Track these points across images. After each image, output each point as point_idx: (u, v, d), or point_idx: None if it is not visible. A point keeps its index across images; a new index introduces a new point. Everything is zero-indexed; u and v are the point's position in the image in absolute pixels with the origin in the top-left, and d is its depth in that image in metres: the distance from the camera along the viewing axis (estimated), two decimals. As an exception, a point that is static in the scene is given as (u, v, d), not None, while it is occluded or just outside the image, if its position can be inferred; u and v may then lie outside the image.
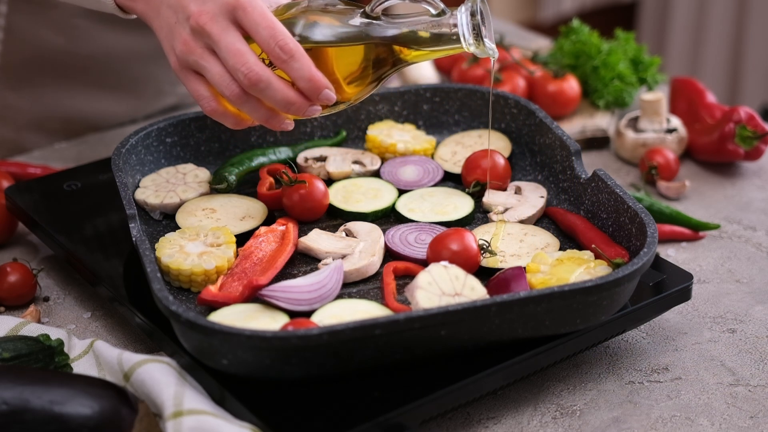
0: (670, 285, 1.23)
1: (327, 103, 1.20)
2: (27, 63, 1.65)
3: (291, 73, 1.17)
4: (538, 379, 1.20)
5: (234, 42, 1.16)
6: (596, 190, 1.30)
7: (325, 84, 1.18)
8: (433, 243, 1.23)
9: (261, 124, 1.25)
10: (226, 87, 1.18)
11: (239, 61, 1.16)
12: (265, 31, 1.16)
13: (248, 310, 1.15)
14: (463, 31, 1.20)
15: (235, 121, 1.24)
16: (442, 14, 1.21)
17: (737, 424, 1.15)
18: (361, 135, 1.49)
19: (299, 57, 1.16)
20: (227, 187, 1.36)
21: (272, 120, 1.22)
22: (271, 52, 1.16)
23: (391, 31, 1.22)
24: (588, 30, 1.77)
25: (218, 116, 1.23)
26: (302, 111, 1.20)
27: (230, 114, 1.23)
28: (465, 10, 1.20)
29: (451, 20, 1.21)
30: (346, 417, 1.05)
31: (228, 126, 1.25)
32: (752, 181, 1.59)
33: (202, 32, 1.17)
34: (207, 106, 1.22)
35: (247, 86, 1.17)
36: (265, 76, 1.16)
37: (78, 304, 1.32)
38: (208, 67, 1.18)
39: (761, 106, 3.68)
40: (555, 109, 1.68)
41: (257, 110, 1.20)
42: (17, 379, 1.03)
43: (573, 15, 3.91)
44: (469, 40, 1.21)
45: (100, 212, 1.36)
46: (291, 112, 1.20)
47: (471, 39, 1.21)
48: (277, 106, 1.19)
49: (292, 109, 1.19)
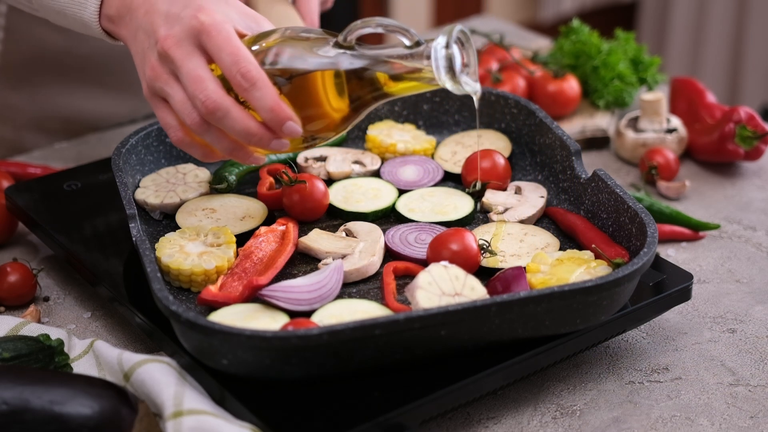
0: (670, 285, 1.23)
1: (291, 136, 1.13)
2: (27, 63, 1.65)
3: (252, 102, 1.10)
4: (538, 379, 1.20)
5: (195, 68, 1.10)
6: (596, 190, 1.30)
7: (288, 115, 1.11)
8: (433, 243, 1.23)
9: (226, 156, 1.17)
10: (187, 115, 1.12)
11: (198, 88, 1.10)
12: (228, 57, 1.10)
13: (248, 310, 1.15)
14: (437, 65, 1.11)
15: (202, 152, 1.18)
16: (417, 45, 1.12)
17: (737, 424, 1.15)
18: (361, 135, 1.49)
19: (262, 86, 1.10)
20: (227, 187, 1.36)
21: (238, 153, 1.16)
22: (232, 79, 1.10)
23: (362, 62, 1.14)
24: (588, 30, 1.77)
25: (185, 147, 1.17)
26: (265, 144, 1.13)
27: (197, 145, 1.17)
28: (440, 43, 1.11)
29: (425, 53, 1.11)
30: (346, 417, 1.05)
31: (197, 158, 1.19)
32: (752, 181, 1.59)
33: (166, 57, 1.12)
34: (173, 136, 1.16)
35: (204, 114, 1.11)
36: (224, 105, 1.10)
37: (78, 304, 1.32)
38: (172, 93, 1.13)
39: (761, 106, 3.68)
40: (555, 109, 1.68)
41: (220, 141, 1.14)
42: (17, 379, 1.03)
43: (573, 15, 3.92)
44: (442, 75, 1.11)
45: (100, 212, 1.36)
46: (253, 144, 1.13)
47: (444, 75, 1.11)
48: (238, 137, 1.13)
49: (254, 141, 1.12)
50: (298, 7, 1.40)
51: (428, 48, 1.11)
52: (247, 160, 1.18)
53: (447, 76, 1.11)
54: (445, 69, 1.11)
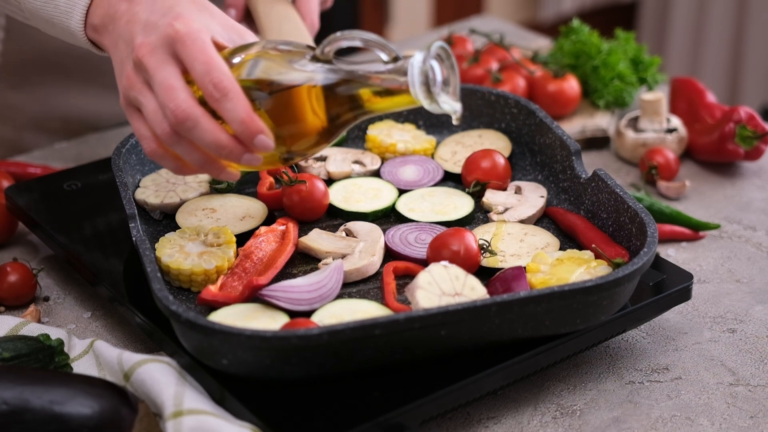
0: (670, 285, 1.23)
1: (263, 150, 1.09)
2: (27, 62, 1.65)
3: (224, 113, 1.07)
4: (538, 379, 1.20)
5: (168, 77, 1.08)
6: (596, 190, 1.30)
7: (259, 128, 1.07)
8: (433, 243, 1.23)
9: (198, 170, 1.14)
10: (158, 124, 1.09)
11: (168, 97, 1.07)
12: (200, 66, 1.07)
13: (248, 310, 1.15)
14: (412, 82, 1.06)
15: (175, 165, 1.14)
16: (394, 61, 1.08)
17: (737, 424, 1.15)
18: (361, 135, 1.49)
19: (233, 97, 1.07)
20: (227, 187, 1.36)
21: (209, 166, 1.13)
22: (204, 88, 1.07)
23: (336, 77, 1.09)
24: (588, 30, 1.77)
25: (158, 159, 1.13)
26: (236, 157, 1.09)
27: (170, 157, 1.13)
28: (418, 59, 1.06)
29: (402, 69, 1.07)
30: (346, 417, 1.05)
31: (170, 171, 1.16)
32: (752, 181, 1.59)
33: (141, 65, 1.09)
34: (146, 147, 1.12)
35: (174, 124, 1.08)
36: (194, 115, 1.07)
37: (78, 304, 1.32)
38: (145, 102, 1.10)
39: (761, 106, 3.68)
40: (555, 109, 1.68)
41: (191, 153, 1.11)
42: (17, 379, 1.03)
43: (573, 15, 3.92)
44: (418, 92, 1.06)
45: (100, 212, 1.36)
46: (224, 157, 1.10)
47: (420, 92, 1.06)
48: (208, 149, 1.09)
49: (224, 154, 1.09)
50: (298, 7, 1.40)
51: (406, 64, 1.07)
52: (220, 174, 1.14)
53: (423, 94, 1.06)
54: (422, 86, 1.06)
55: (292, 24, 1.36)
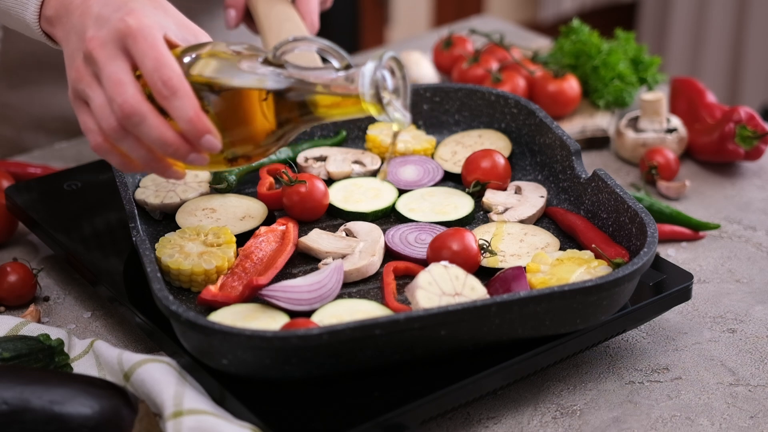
0: (670, 285, 1.23)
1: (210, 150, 1.08)
2: (26, 62, 1.65)
3: (171, 111, 1.06)
4: (538, 379, 1.20)
5: (117, 71, 1.07)
6: (596, 189, 1.30)
7: (206, 128, 1.07)
8: (433, 243, 1.23)
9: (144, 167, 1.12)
10: (104, 119, 1.08)
11: (116, 91, 1.06)
12: (150, 63, 1.06)
13: (248, 310, 1.15)
14: (363, 90, 1.05)
15: (120, 161, 1.13)
16: (347, 68, 1.07)
17: (737, 424, 1.15)
18: (361, 135, 1.49)
19: (182, 95, 1.06)
20: (227, 187, 1.36)
21: (155, 164, 1.12)
22: (153, 85, 1.06)
23: (287, 82, 1.09)
24: (588, 30, 1.77)
25: (103, 154, 1.12)
26: (182, 155, 1.09)
27: (116, 153, 1.12)
28: (369, 67, 1.05)
29: (354, 77, 1.06)
30: (346, 417, 1.05)
31: (115, 166, 1.15)
32: (752, 181, 1.59)
33: (90, 58, 1.09)
34: (92, 141, 1.11)
35: (120, 118, 1.07)
36: (141, 110, 1.06)
37: (78, 304, 1.32)
38: (93, 96, 1.09)
39: (761, 106, 3.68)
40: (555, 109, 1.68)
41: (137, 149, 1.10)
42: (17, 379, 1.03)
43: (573, 15, 3.92)
44: (367, 100, 1.05)
45: (100, 212, 1.36)
46: (170, 155, 1.09)
47: (369, 100, 1.05)
48: (154, 146, 1.08)
49: (170, 152, 1.08)
50: (298, 7, 1.40)
51: (357, 72, 1.06)
52: (165, 173, 1.13)
53: (373, 102, 1.05)
54: (371, 95, 1.05)
55: (293, 24, 1.36)
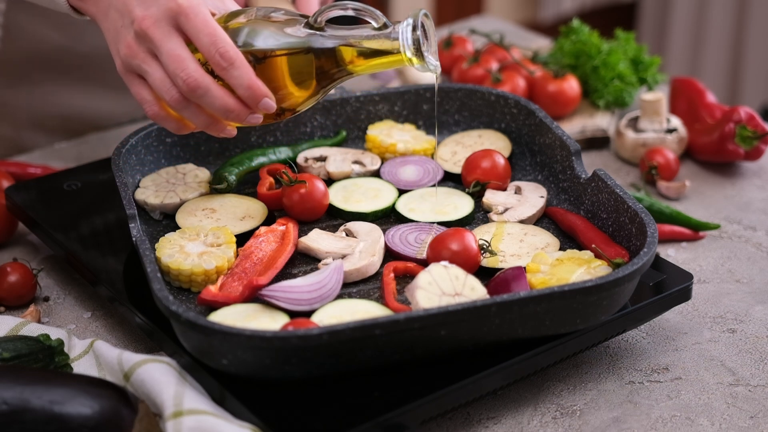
0: (670, 285, 1.23)
1: (267, 111, 1.20)
2: (25, 60, 1.65)
3: (230, 80, 1.17)
4: (538, 379, 1.20)
5: (175, 48, 1.17)
6: (596, 190, 1.30)
7: (264, 92, 1.18)
8: (433, 243, 1.23)
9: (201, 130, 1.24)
10: (166, 92, 1.18)
11: (179, 67, 1.16)
12: (206, 38, 1.16)
13: (248, 310, 1.15)
14: (404, 45, 1.20)
15: (177, 126, 1.24)
16: (384, 27, 1.21)
17: (737, 424, 1.15)
18: (361, 135, 1.49)
19: (239, 65, 1.17)
20: (227, 187, 1.36)
21: (213, 126, 1.22)
22: (211, 59, 1.17)
23: (332, 42, 1.21)
24: (588, 30, 1.77)
25: (160, 120, 1.23)
26: (242, 118, 1.20)
27: (172, 119, 1.23)
28: (407, 25, 1.20)
29: (392, 34, 1.20)
30: (346, 417, 1.05)
31: (170, 131, 1.25)
32: (752, 181, 1.59)
33: (145, 37, 1.18)
34: (149, 110, 1.22)
35: (185, 92, 1.17)
36: (204, 83, 1.17)
37: (78, 304, 1.32)
38: (150, 71, 1.19)
39: (761, 106, 3.68)
40: (555, 109, 1.68)
41: (197, 116, 1.21)
42: (17, 379, 1.03)
43: (573, 15, 3.91)
44: (409, 54, 1.20)
45: (100, 212, 1.36)
46: (230, 120, 1.20)
47: (412, 53, 1.20)
48: (216, 113, 1.19)
49: (231, 116, 1.19)
50: (298, 7, 1.40)
51: (396, 30, 1.20)
52: (221, 133, 1.23)
53: (415, 55, 1.21)
54: (413, 49, 1.20)
55: None
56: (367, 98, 1.48)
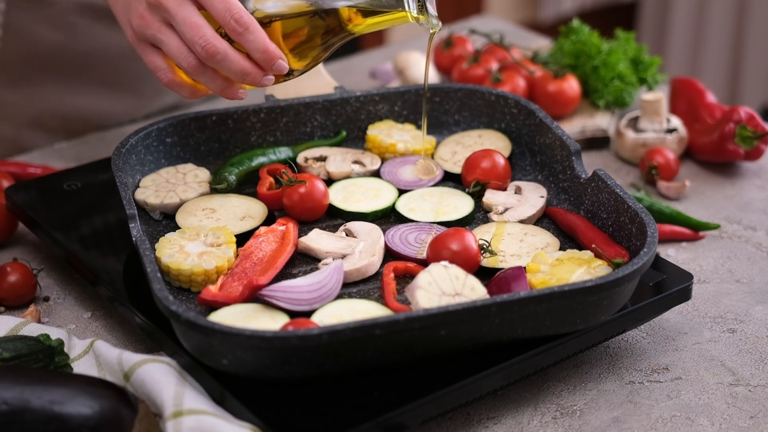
0: (670, 285, 1.23)
1: (280, 72, 1.26)
2: (25, 60, 1.65)
3: (246, 44, 1.22)
4: (538, 379, 1.20)
5: (191, 16, 1.21)
6: (596, 190, 1.30)
7: (278, 54, 1.24)
8: (433, 243, 1.23)
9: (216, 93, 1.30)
10: (183, 59, 1.23)
11: (197, 34, 1.21)
12: (220, 5, 1.21)
13: (248, 310, 1.15)
14: (408, 2, 1.26)
15: (191, 91, 1.30)
16: None
17: (737, 424, 1.15)
18: (361, 135, 1.49)
19: (254, 29, 1.22)
20: (227, 187, 1.36)
21: (228, 90, 1.27)
22: (226, 24, 1.21)
23: (339, 2, 1.27)
24: (588, 30, 1.77)
25: (175, 87, 1.29)
26: (257, 80, 1.25)
27: (187, 85, 1.29)
28: None
29: None
30: (346, 417, 1.05)
31: (184, 96, 1.31)
32: (752, 181, 1.59)
33: (158, 6, 1.22)
34: (164, 77, 1.28)
35: (204, 58, 1.22)
36: (222, 48, 1.21)
37: (78, 304, 1.32)
38: (166, 40, 1.24)
39: (761, 106, 3.68)
40: (555, 109, 1.68)
41: (214, 81, 1.26)
42: (17, 379, 1.03)
43: (573, 15, 3.91)
44: (412, 9, 1.26)
45: (100, 212, 1.36)
46: (246, 82, 1.26)
47: (415, 9, 1.26)
48: (233, 77, 1.25)
49: (248, 79, 1.25)
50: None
51: None
52: (235, 95, 1.28)
53: (418, 10, 1.27)
54: (417, 5, 1.27)
55: None
56: (367, 98, 1.48)
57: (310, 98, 1.46)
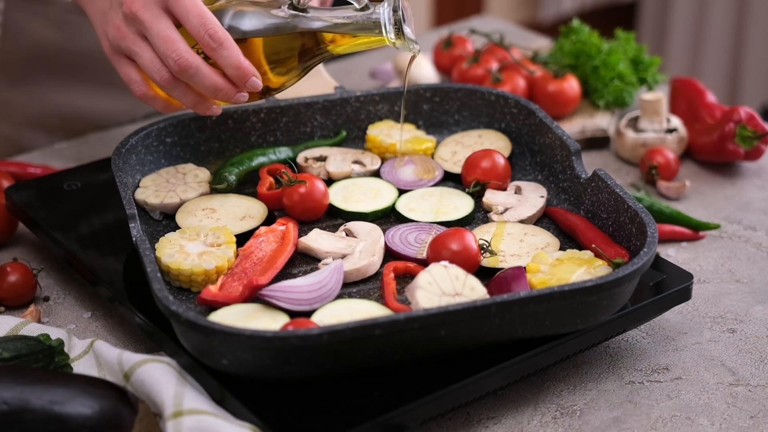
0: (670, 285, 1.23)
1: (253, 90, 1.25)
2: (24, 60, 1.65)
3: (219, 60, 1.22)
4: (538, 379, 1.20)
5: (165, 29, 1.21)
6: (596, 189, 1.30)
7: (252, 71, 1.23)
8: (433, 243, 1.23)
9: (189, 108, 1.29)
10: (156, 72, 1.23)
11: (170, 48, 1.20)
12: (195, 19, 1.20)
13: (248, 310, 1.15)
14: (385, 25, 1.25)
15: (164, 104, 1.29)
16: (365, 9, 1.26)
17: (737, 424, 1.15)
18: (361, 135, 1.49)
19: (228, 45, 1.21)
20: (227, 187, 1.36)
21: (200, 105, 1.27)
22: (200, 39, 1.21)
23: (316, 24, 1.26)
24: (588, 30, 1.77)
25: (148, 100, 1.28)
26: (229, 97, 1.24)
27: (160, 98, 1.29)
28: (387, 6, 1.26)
29: (373, 15, 1.26)
30: (346, 417, 1.05)
31: (158, 109, 1.30)
32: (752, 181, 1.59)
33: (134, 19, 1.22)
34: (137, 90, 1.27)
35: (176, 72, 1.21)
36: (195, 63, 1.21)
37: (78, 304, 1.32)
38: (140, 52, 1.23)
39: (761, 106, 3.68)
40: (555, 109, 1.68)
41: (186, 95, 1.25)
42: (17, 379, 1.03)
43: (573, 15, 3.92)
44: (390, 34, 1.26)
45: (100, 212, 1.36)
46: (219, 98, 1.25)
47: (392, 33, 1.26)
48: (205, 92, 1.24)
49: (220, 95, 1.24)
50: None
51: (377, 11, 1.26)
52: (207, 111, 1.28)
53: (395, 35, 1.26)
54: (393, 28, 1.26)
55: None
56: (367, 98, 1.48)
57: (310, 98, 1.46)
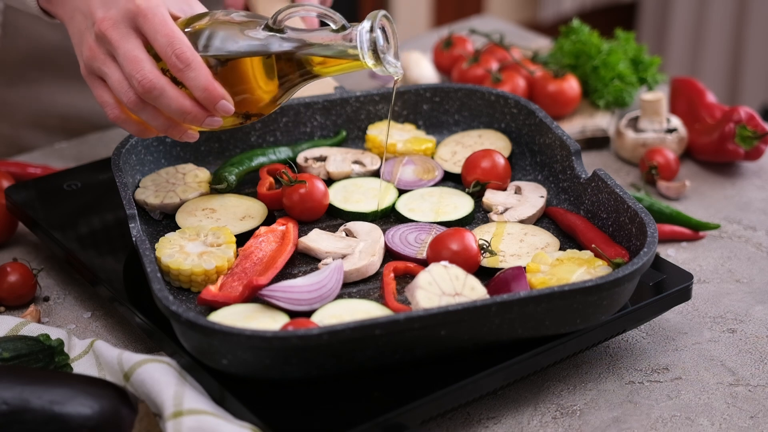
0: (670, 285, 1.23)
1: (224, 113, 1.19)
2: (23, 60, 1.65)
3: (187, 82, 1.16)
4: (538, 379, 1.20)
5: (132, 49, 1.16)
6: (596, 190, 1.30)
7: (221, 94, 1.17)
8: (433, 243, 1.23)
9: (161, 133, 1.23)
10: (123, 93, 1.18)
11: (134, 68, 1.16)
12: (163, 39, 1.16)
13: (248, 310, 1.15)
14: (361, 48, 1.18)
15: (138, 129, 1.24)
16: (343, 29, 1.19)
17: (737, 424, 1.15)
18: (361, 135, 1.49)
19: (195, 66, 1.16)
20: (227, 187, 1.36)
21: (172, 130, 1.22)
22: (167, 60, 1.16)
23: (290, 45, 1.20)
24: (588, 30, 1.77)
25: (121, 123, 1.22)
26: (199, 121, 1.19)
27: (133, 122, 1.23)
28: (365, 27, 1.18)
29: (349, 36, 1.19)
30: (346, 417, 1.05)
31: (133, 134, 1.24)
32: (752, 181, 1.59)
33: (104, 38, 1.17)
34: (110, 113, 1.22)
35: (141, 93, 1.16)
36: (159, 84, 1.16)
37: (78, 304, 1.32)
38: (109, 73, 1.19)
39: (761, 106, 3.68)
40: (555, 109, 1.68)
41: (155, 118, 1.20)
42: (17, 379, 1.03)
43: (573, 15, 3.92)
44: (366, 57, 1.18)
45: (100, 212, 1.36)
46: (188, 122, 1.19)
47: (369, 56, 1.18)
48: (173, 115, 1.19)
49: (189, 119, 1.18)
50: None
51: (353, 32, 1.18)
52: (182, 137, 1.23)
53: (371, 58, 1.18)
54: (370, 51, 1.18)
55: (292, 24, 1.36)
56: (367, 98, 1.48)
57: (310, 98, 1.46)
